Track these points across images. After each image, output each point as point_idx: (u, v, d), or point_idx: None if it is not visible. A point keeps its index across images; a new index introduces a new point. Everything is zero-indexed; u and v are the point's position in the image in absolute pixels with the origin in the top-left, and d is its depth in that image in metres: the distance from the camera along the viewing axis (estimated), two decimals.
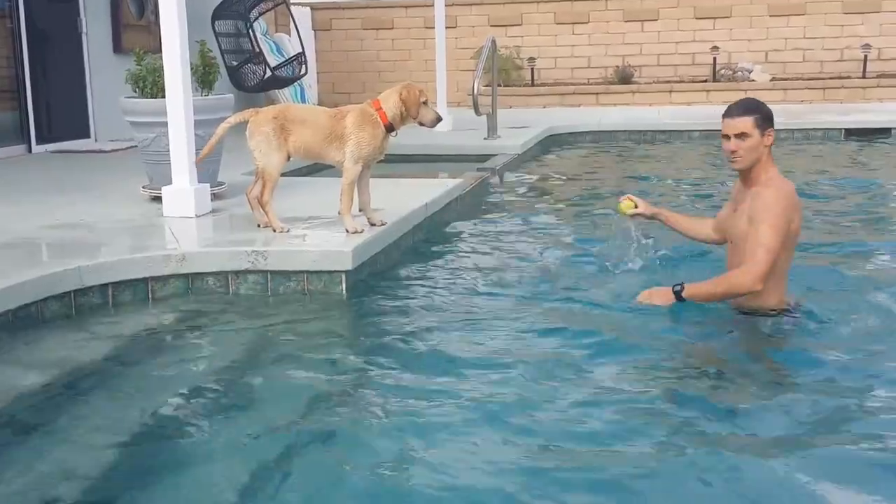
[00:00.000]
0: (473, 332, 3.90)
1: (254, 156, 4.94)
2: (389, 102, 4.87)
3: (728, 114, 3.84)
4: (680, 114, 12.74)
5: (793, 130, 11.02)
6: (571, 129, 11.65)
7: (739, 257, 3.80)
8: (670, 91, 14.09)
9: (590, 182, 8.30)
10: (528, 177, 8.70)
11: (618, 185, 8.05)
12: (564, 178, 8.67)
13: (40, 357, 3.64)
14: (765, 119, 3.81)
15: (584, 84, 14.70)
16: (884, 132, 10.95)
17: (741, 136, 3.78)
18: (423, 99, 4.86)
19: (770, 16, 14.49)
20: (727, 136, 3.82)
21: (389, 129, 4.92)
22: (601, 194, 7.57)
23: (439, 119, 4.95)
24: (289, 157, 4.99)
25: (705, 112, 12.84)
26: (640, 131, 11.58)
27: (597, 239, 5.41)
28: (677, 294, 3.88)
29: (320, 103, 14.49)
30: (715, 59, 14.14)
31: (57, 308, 4.05)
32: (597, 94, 14.31)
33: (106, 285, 4.27)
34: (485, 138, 9.82)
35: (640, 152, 10.47)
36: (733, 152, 3.80)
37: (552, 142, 11.12)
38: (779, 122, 4.06)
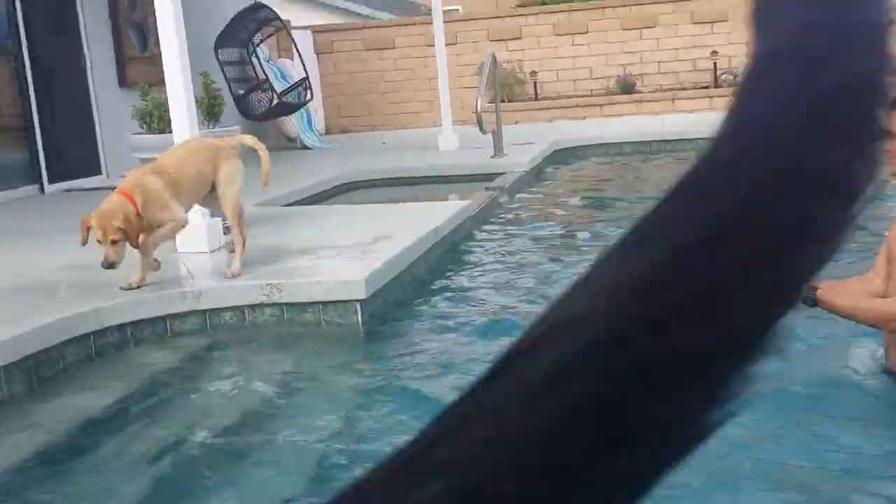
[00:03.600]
0: (493, 355, 3.92)
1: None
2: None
3: None
4: (684, 122, 12.75)
5: None
6: (577, 142, 11.68)
7: None
8: (673, 99, 14.12)
9: (599, 196, 8.33)
10: (537, 193, 8.74)
11: (626, 196, 8.09)
12: (573, 192, 8.71)
13: (63, 399, 3.68)
14: None
15: (587, 96, 14.75)
16: None
17: None
18: (97, 236, 4.18)
19: None
20: None
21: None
22: (612, 208, 7.60)
23: (104, 264, 4.21)
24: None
25: (710, 119, 12.88)
26: (646, 142, 11.61)
27: None
28: (808, 297, 2.93)
29: (327, 129, 14.59)
30: (715, 64, 14.16)
31: (77, 349, 4.09)
32: (600, 105, 14.35)
33: (125, 325, 4.31)
34: (492, 156, 9.86)
35: (646, 163, 10.49)
36: None
37: (559, 156, 11.16)
38: None
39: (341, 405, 3.51)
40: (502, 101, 11.14)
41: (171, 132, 5.48)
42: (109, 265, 4.09)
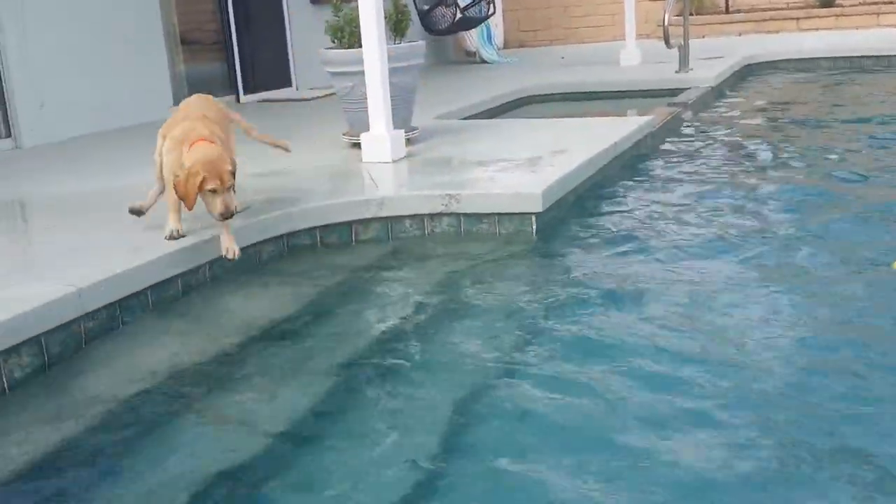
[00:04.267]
0: (667, 277, 3.89)
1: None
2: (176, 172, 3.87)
3: None
4: (889, 37, 11.77)
5: None
6: (770, 57, 11.06)
7: None
8: (878, 13, 13.02)
9: (792, 115, 7.89)
10: (724, 111, 8.38)
11: (823, 117, 7.63)
12: (762, 111, 8.29)
13: (261, 295, 3.99)
14: None
15: (782, 9, 13.85)
16: None
17: None
18: (210, 187, 3.71)
19: None
20: None
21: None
22: (806, 129, 7.20)
23: (225, 214, 3.76)
24: None
25: None
26: (846, 57, 10.82)
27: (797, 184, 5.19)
28: None
29: (506, 43, 14.49)
30: None
31: (272, 249, 4.40)
32: (797, 19, 13.46)
33: (314, 228, 4.58)
34: (676, 71, 9.52)
35: (846, 81, 9.80)
36: None
37: (749, 72, 10.62)
38: None
39: (513, 317, 3.60)
40: (690, 14, 10.65)
41: (360, 47, 5.65)
42: (231, 214, 3.79)
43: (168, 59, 8.82)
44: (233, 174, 3.81)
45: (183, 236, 3.95)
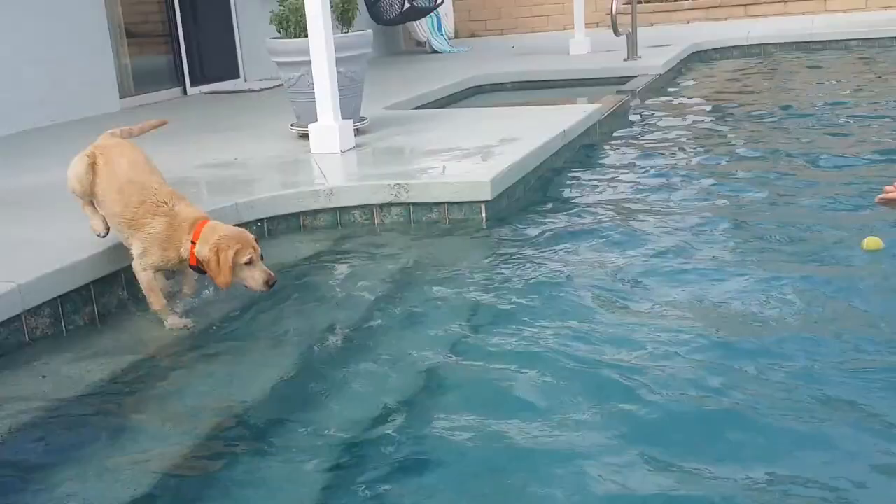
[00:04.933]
0: (614, 261, 3.92)
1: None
2: (202, 250, 3.39)
3: None
4: (837, 22, 11.99)
5: None
6: (717, 44, 11.20)
7: None
8: None
9: (739, 101, 7.99)
10: (671, 97, 8.47)
11: (769, 102, 7.74)
12: (709, 97, 8.38)
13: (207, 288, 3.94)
14: None
15: None
16: None
17: None
18: (245, 259, 3.36)
19: None
20: None
21: (196, 269, 3.52)
22: (752, 114, 7.30)
23: (271, 283, 3.42)
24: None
25: (865, 19, 12.05)
26: (793, 43, 10.99)
27: (744, 169, 5.24)
28: None
29: (456, 33, 14.46)
30: None
31: None
32: (745, 5, 13.63)
33: (262, 220, 4.53)
34: (625, 59, 9.59)
35: (793, 66, 9.95)
36: None
37: (697, 59, 10.74)
38: None
39: (463, 305, 3.60)
40: (639, 2, 10.73)
41: (306, 36, 5.59)
42: (276, 281, 3.46)
43: (113, 51, 8.65)
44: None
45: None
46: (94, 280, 3.61)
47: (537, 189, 5.19)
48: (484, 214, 4.59)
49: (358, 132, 5.97)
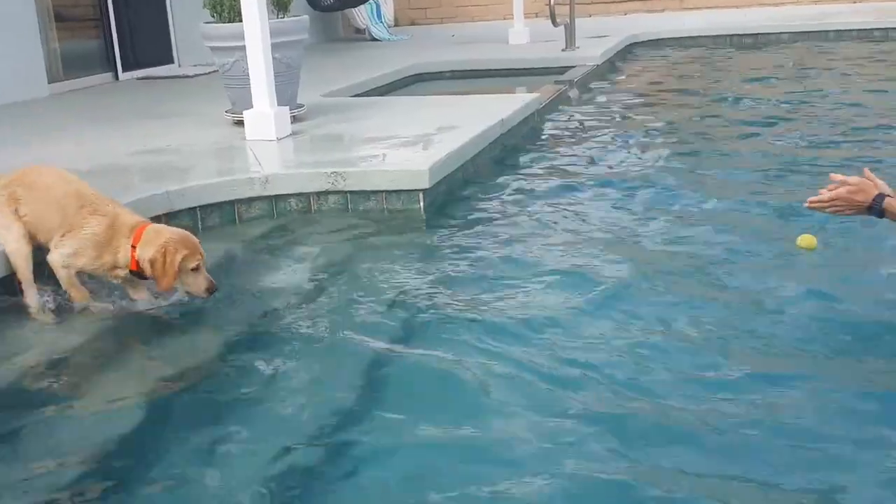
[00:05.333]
0: (549, 251, 3.93)
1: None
2: (146, 252, 3.33)
3: None
4: (770, 16, 12.23)
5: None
6: (653, 35, 11.33)
7: None
8: None
9: (673, 92, 8.10)
10: (608, 88, 8.54)
11: (703, 93, 7.86)
12: (645, 87, 8.48)
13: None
14: None
15: None
16: None
17: None
18: (193, 265, 3.33)
19: None
20: None
21: (136, 274, 3.44)
22: (682, 104, 7.40)
23: (211, 290, 3.38)
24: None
25: (797, 13, 12.32)
26: (726, 35, 11.18)
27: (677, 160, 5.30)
28: (875, 208, 2.82)
29: (396, 21, 14.37)
30: None
31: None
32: None
33: (194, 208, 4.43)
34: (563, 49, 9.63)
35: (725, 58, 10.11)
36: None
37: (633, 50, 10.85)
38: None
39: (400, 294, 3.57)
40: None
41: (241, 21, 5.48)
42: (217, 288, 3.41)
43: (41, 35, 8.37)
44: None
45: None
46: None
47: (475, 177, 5.18)
48: (422, 203, 4.56)
49: (294, 119, 5.89)
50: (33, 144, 5.61)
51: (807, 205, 2.95)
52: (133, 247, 3.35)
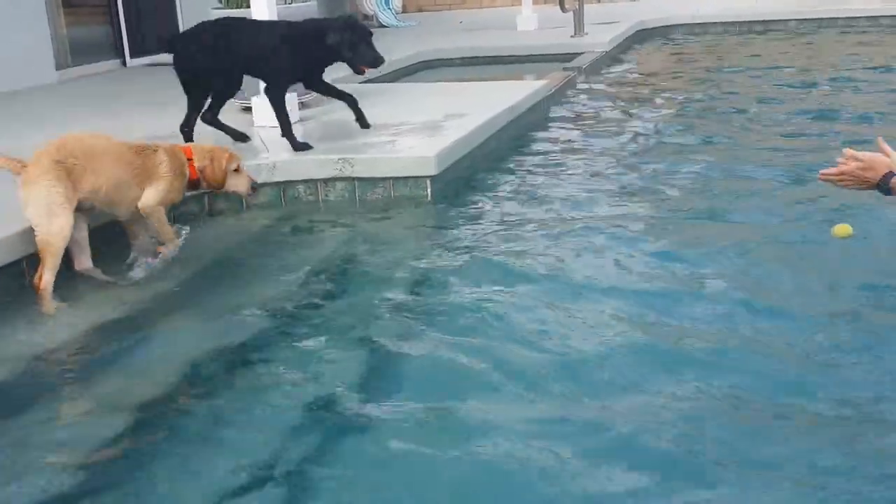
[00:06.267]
0: (557, 238, 3.92)
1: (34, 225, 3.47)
2: (198, 161, 3.91)
3: None
4: (779, 3, 12.15)
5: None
6: (663, 22, 11.28)
7: None
8: None
9: (683, 78, 8.06)
10: (617, 75, 8.50)
11: (710, 78, 7.82)
12: (654, 74, 8.44)
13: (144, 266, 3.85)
14: None
15: None
16: None
17: None
18: (234, 166, 3.96)
19: None
20: None
21: (193, 186, 3.96)
22: (694, 92, 7.36)
23: (255, 186, 4.08)
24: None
25: (807, 1, 12.24)
26: (736, 22, 11.13)
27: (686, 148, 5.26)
28: (883, 185, 2.84)
29: (404, 7, 14.33)
30: None
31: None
32: None
33: (202, 195, 4.43)
34: (571, 36, 9.60)
35: (736, 45, 10.06)
36: None
37: (643, 37, 10.80)
38: None
39: (407, 280, 3.57)
40: None
41: (249, 6, 5.47)
42: (258, 187, 4.20)
43: (49, 21, 8.38)
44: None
45: None
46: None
47: (484, 164, 5.17)
48: (430, 190, 4.56)
49: (303, 106, 5.88)
50: (40, 130, 5.62)
51: (820, 177, 2.98)
52: (190, 160, 3.90)
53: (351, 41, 4.75)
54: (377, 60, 4.86)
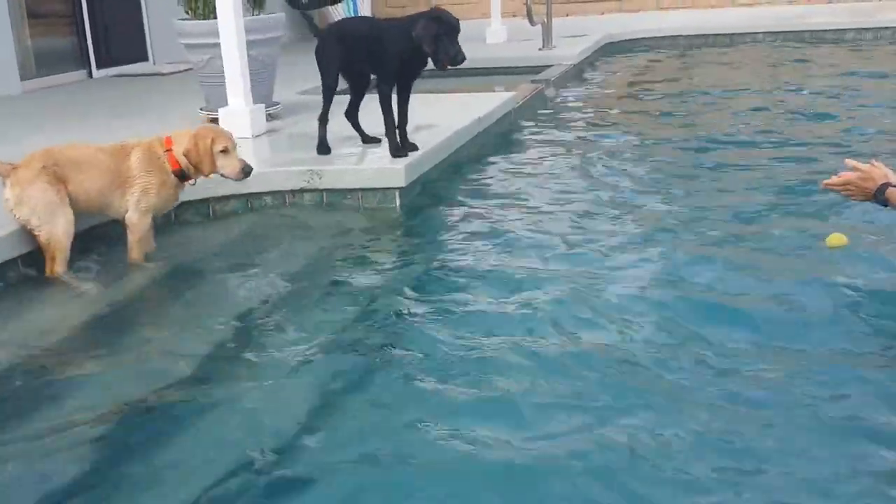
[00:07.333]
0: (526, 249, 3.92)
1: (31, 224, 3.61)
2: (181, 147, 3.78)
3: None
4: (745, 15, 12.31)
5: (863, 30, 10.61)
6: (630, 35, 11.36)
7: None
8: None
9: (647, 91, 8.13)
10: (585, 87, 8.56)
11: (678, 91, 7.90)
12: (622, 87, 8.51)
13: (117, 275, 3.80)
14: None
15: None
16: None
17: None
18: (220, 147, 3.75)
19: None
20: None
21: (181, 176, 3.85)
22: (658, 105, 7.43)
23: (247, 171, 3.83)
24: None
25: (772, 13, 12.42)
26: (703, 35, 11.24)
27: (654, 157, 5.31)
28: (879, 196, 2.93)
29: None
30: None
31: (119, 232, 4.18)
32: None
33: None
34: (540, 49, 9.65)
35: (701, 58, 10.17)
36: None
37: (610, 50, 10.87)
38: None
39: (375, 293, 3.55)
40: None
41: (215, 18, 5.44)
42: (251, 169, 3.86)
43: (13, 32, 8.28)
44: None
45: None
46: None
47: (451, 176, 5.17)
48: (398, 201, 4.55)
49: (270, 117, 5.86)
50: (4, 142, 5.54)
51: (822, 186, 3.09)
52: (168, 150, 3.75)
53: (435, 35, 4.64)
54: (458, 56, 4.72)
